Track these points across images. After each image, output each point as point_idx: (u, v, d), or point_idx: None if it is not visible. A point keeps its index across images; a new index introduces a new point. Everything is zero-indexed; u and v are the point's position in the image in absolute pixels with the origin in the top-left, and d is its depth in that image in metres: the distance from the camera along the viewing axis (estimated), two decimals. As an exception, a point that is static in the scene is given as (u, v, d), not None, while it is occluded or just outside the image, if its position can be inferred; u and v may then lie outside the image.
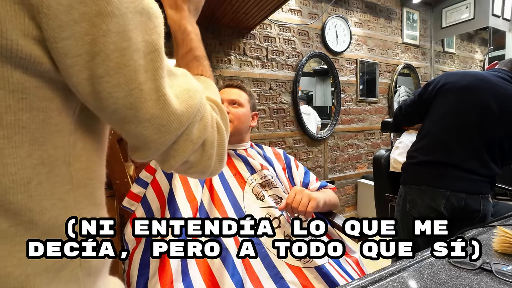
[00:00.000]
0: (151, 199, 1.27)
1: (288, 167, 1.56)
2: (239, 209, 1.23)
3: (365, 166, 4.26)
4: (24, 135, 0.40)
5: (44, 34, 0.38)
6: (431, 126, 1.69)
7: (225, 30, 3.00)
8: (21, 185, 0.41)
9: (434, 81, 1.73)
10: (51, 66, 0.40)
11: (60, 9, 0.37)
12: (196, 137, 0.53)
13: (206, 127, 0.55)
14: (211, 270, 1.03)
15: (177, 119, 0.49)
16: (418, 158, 1.71)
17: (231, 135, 1.39)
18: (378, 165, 2.51)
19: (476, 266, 0.78)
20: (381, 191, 2.48)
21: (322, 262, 1.11)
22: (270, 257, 1.11)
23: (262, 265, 1.08)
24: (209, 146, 0.57)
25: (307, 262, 1.10)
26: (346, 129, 4.02)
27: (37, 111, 0.41)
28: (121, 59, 0.42)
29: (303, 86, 3.79)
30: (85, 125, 0.49)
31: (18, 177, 0.41)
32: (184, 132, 0.51)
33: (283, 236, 1.17)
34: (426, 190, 1.65)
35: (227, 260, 1.03)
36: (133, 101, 0.44)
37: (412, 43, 4.60)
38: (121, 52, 0.42)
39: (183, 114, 0.49)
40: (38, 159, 0.42)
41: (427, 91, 1.74)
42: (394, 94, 4.42)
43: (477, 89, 1.57)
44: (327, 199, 1.37)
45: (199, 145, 0.55)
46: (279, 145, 3.40)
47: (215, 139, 0.59)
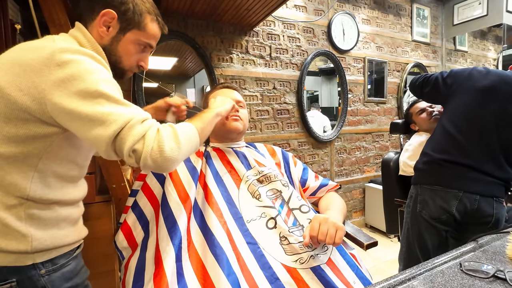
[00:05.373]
0: (143, 204, 1.29)
1: (286, 163, 1.57)
2: (234, 208, 1.24)
3: (373, 169, 4.25)
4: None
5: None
6: (448, 124, 1.69)
7: (227, 27, 3.00)
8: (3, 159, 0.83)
9: (463, 73, 1.72)
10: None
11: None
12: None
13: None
14: (206, 270, 1.05)
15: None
16: (431, 156, 1.71)
17: (237, 133, 1.47)
18: (387, 168, 2.49)
19: (489, 274, 0.77)
20: (390, 196, 2.47)
21: (319, 263, 1.11)
22: (265, 258, 1.11)
23: (258, 266, 1.09)
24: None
25: (303, 263, 1.11)
26: (354, 131, 4.01)
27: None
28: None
29: (308, 85, 3.79)
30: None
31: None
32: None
33: (278, 237, 1.17)
34: (438, 191, 1.65)
35: (222, 259, 1.05)
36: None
37: (422, 40, 4.59)
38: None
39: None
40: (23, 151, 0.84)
41: (446, 83, 1.74)
42: (404, 94, 4.39)
43: (498, 90, 1.57)
44: (343, 213, 1.37)
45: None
46: (283, 147, 3.39)
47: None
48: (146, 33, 1.05)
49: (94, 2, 0.99)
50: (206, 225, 1.16)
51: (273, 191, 1.32)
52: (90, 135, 0.81)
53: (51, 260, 0.92)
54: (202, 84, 3.40)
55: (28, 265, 0.87)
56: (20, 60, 0.80)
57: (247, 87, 3.14)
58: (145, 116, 0.87)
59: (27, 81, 0.78)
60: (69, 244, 0.98)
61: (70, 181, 0.99)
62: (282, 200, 1.31)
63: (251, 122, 3.18)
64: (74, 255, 1.00)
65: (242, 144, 1.54)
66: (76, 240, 1.01)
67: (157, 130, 0.86)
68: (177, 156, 0.88)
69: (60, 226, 0.95)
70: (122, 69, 1.07)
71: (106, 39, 1.00)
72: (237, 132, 1.46)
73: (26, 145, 0.83)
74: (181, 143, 0.89)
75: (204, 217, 1.19)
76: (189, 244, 1.12)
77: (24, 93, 0.78)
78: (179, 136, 0.89)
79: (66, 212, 0.97)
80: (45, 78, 0.78)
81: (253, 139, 3.15)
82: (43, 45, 0.83)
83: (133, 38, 1.03)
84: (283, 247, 1.14)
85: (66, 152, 0.93)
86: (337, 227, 1.10)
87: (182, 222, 1.15)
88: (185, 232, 1.14)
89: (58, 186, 0.93)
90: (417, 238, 1.76)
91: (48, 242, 0.90)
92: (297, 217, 1.26)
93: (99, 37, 0.99)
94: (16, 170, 0.84)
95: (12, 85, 0.78)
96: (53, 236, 0.92)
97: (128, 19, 1.01)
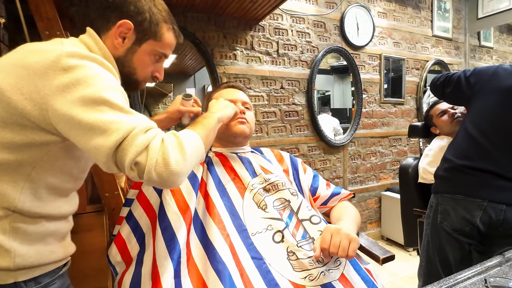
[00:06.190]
0: (139, 215, 1.28)
1: (294, 170, 1.56)
2: (237, 219, 1.23)
3: (390, 176, 4.24)
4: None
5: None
6: (471, 127, 1.68)
7: (230, 21, 3.01)
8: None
9: (487, 72, 1.71)
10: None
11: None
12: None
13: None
14: (207, 287, 1.04)
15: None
16: (453, 162, 1.70)
17: (243, 137, 1.47)
18: (405, 175, 2.49)
19: (519, 293, 0.76)
20: (408, 206, 2.46)
21: (330, 280, 1.10)
22: (272, 274, 1.10)
23: (263, 283, 1.07)
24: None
25: (312, 280, 1.09)
26: (369, 135, 4.00)
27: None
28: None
29: (319, 85, 3.79)
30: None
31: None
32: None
33: (286, 251, 1.16)
34: (461, 200, 1.64)
35: (224, 275, 1.04)
36: None
37: (444, 36, 4.58)
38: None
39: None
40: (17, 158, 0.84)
41: (469, 82, 1.73)
42: (423, 94, 4.39)
43: None
44: (357, 224, 1.36)
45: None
46: (292, 152, 3.39)
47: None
48: (162, 43, 1.07)
49: (109, 11, 1.01)
50: (207, 238, 1.15)
51: (281, 201, 1.32)
52: (90, 145, 0.80)
53: (35, 278, 0.90)
54: (203, 83, 3.42)
55: (9, 284, 0.85)
56: (24, 62, 0.81)
57: (252, 87, 3.14)
58: (149, 125, 0.86)
59: (30, 85, 0.79)
60: (55, 261, 0.97)
61: (62, 194, 0.99)
62: (291, 211, 1.30)
63: (257, 125, 3.18)
64: (59, 273, 1.00)
65: (247, 149, 1.54)
66: (62, 257, 1.00)
67: (161, 140, 0.85)
68: (183, 169, 0.86)
69: (46, 242, 0.94)
70: (136, 81, 1.09)
71: (120, 50, 1.02)
72: (243, 136, 1.46)
73: (21, 152, 0.83)
74: (187, 155, 0.87)
75: (205, 229, 1.18)
76: (188, 258, 1.12)
77: (25, 97, 0.79)
78: (184, 146, 0.88)
79: (54, 227, 0.97)
80: (48, 83, 0.78)
81: (259, 144, 3.15)
82: (51, 48, 0.83)
83: (149, 49, 1.05)
84: (291, 262, 1.13)
85: (62, 163, 0.93)
86: (350, 239, 1.09)
87: (181, 235, 1.14)
88: (184, 245, 1.14)
89: (50, 199, 0.93)
90: (438, 251, 1.75)
91: (32, 259, 0.88)
92: (307, 229, 1.25)
93: (114, 48, 1.01)
94: (7, 179, 0.84)
95: (13, 88, 0.79)
96: (38, 252, 0.91)
97: (144, 29, 1.03)
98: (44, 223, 0.93)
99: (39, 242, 0.92)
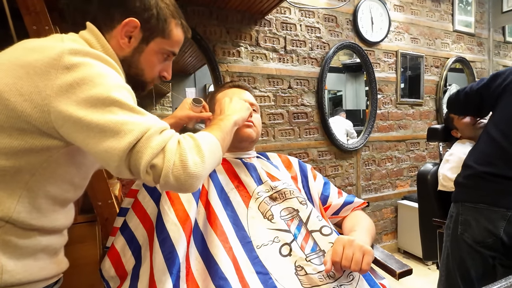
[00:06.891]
0: (134, 225, 1.27)
1: (303, 176, 1.56)
2: (241, 230, 1.22)
3: (407, 184, 4.22)
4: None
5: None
6: (494, 130, 1.67)
7: (234, 15, 3.01)
8: None
9: (505, 72, 1.71)
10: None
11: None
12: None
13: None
14: None
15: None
16: (475, 169, 1.69)
17: (249, 142, 1.47)
18: (423, 182, 2.48)
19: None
20: (427, 215, 2.45)
21: None
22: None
23: None
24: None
25: None
26: (384, 138, 3.99)
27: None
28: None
29: (330, 84, 3.79)
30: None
31: None
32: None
33: (294, 266, 1.15)
34: (483, 210, 1.63)
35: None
36: None
37: (465, 31, 4.57)
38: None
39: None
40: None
41: (495, 84, 1.72)
42: (444, 94, 4.37)
43: None
44: (372, 235, 1.36)
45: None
46: (301, 158, 3.38)
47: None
48: (170, 41, 1.08)
49: (113, 8, 1.01)
50: (208, 251, 1.14)
51: (289, 210, 1.31)
52: (100, 148, 0.80)
53: None
54: (204, 83, 3.41)
55: None
56: (23, 60, 0.81)
57: (257, 86, 3.14)
58: (164, 126, 0.87)
59: (30, 85, 0.78)
60: (46, 278, 0.96)
61: (62, 204, 0.99)
62: (300, 221, 1.29)
63: (263, 128, 3.16)
64: None
65: (253, 154, 1.53)
66: (54, 274, 1.00)
67: (177, 141, 0.85)
68: (202, 171, 0.87)
69: (36, 257, 0.93)
70: (144, 82, 1.09)
71: (127, 50, 1.03)
72: (249, 141, 1.45)
73: (19, 158, 0.83)
74: (205, 157, 0.88)
75: (206, 242, 1.17)
76: (187, 273, 1.11)
77: (25, 99, 0.78)
78: (202, 148, 0.88)
79: (47, 241, 0.96)
80: (50, 83, 0.78)
81: (265, 148, 3.14)
82: (51, 45, 0.83)
83: (156, 48, 1.06)
84: (299, 278, 1.12)
85: (64, 170, 0.93)
86: (364, 251, 1.09)
87: (181, 248, 1.13)
88: (184, 259, 1.13)
89: (47, 210, 0.93)
90: (458, 265, 1.74)
91: (20, 276, 0.87)
92: (317, 240, 1.24)
93: (120, 49, 1.02)
94: (3, 187, 0.83)
95: (12, 88, 0.78)
96: (27, 268, 0.90)
97: (152, 27, 1.03)
98: (37, 237, 0.92)
99: (29, 257, 0.91)
